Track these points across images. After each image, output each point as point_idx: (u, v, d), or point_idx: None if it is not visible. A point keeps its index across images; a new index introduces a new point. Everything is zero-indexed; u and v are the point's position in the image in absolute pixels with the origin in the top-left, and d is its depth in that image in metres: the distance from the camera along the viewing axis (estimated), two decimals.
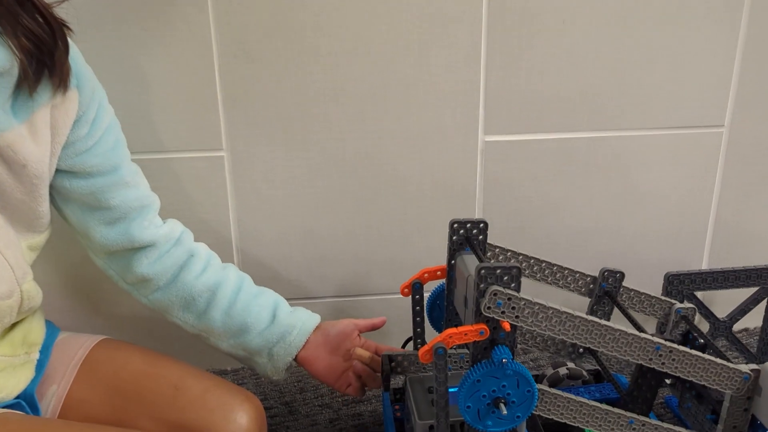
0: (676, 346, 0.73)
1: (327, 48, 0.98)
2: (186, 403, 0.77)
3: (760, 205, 1.15)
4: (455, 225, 0.82)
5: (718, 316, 1.04)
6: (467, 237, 0.82)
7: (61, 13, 0.69)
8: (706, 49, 1.04)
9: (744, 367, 0.75)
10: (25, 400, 0.74)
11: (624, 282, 0.89)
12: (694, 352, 0.74)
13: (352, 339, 0.89)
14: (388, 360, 0.89)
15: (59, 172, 0.75)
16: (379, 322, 0.91)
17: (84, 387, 0.78)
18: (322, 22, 0.96)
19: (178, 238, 0.84)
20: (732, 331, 1.05)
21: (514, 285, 0.68)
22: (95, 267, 0.85)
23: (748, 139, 1.10)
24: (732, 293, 1.05)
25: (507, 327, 0.69)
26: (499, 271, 0.67)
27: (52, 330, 0.82)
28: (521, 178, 1.08)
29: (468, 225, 0.82)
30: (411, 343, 0.94)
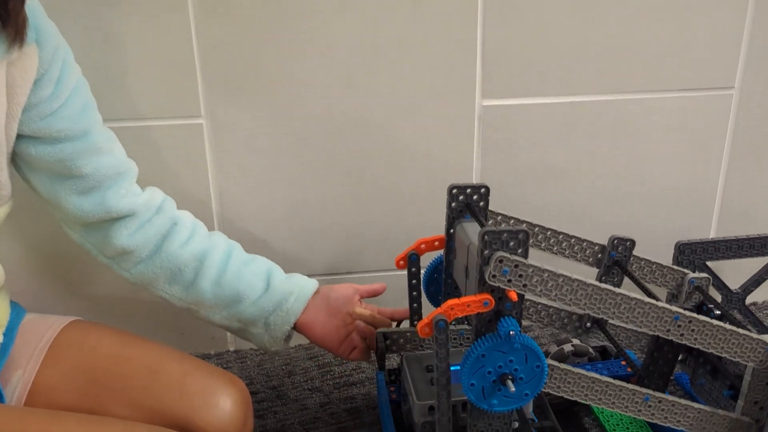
0: (696, 315, 0.69)
1: (313, 5, 0.94)
2: (164, 387, 0.74)
3: None
4: (454, 190, 0.78)
5: (730, 288, 1.00)
6: (467, 203, 0.79)
7: None
8: (715, 6, 1.01)
9: None
10: None
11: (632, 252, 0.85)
12: (716, 322, 0.70)
13: (353, 302, 0.86)
14: (382, 337, 0.86)
15: (23, 137, 0.71)
16: (379, 287, 0.89)
17: (52, 372, 0.74)
18: None
19: (159, 206, 0.80)
20: (745, 302, 1.01)
21: (521, 251, 0.64)
22: (66, 243, 0.82)
23: (760, 101, 1.08)
24: (741, 265, 1.02)
25: (514, 297, 0.65)
26: (505, 235, 0.63)
27: (17, 311, 0.78)
28: (522, 145, 1.05)
29: (468, 190, 0.78)
30: (407, 321, 0.91)
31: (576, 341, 0.97)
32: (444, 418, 0.69)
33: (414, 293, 0.87)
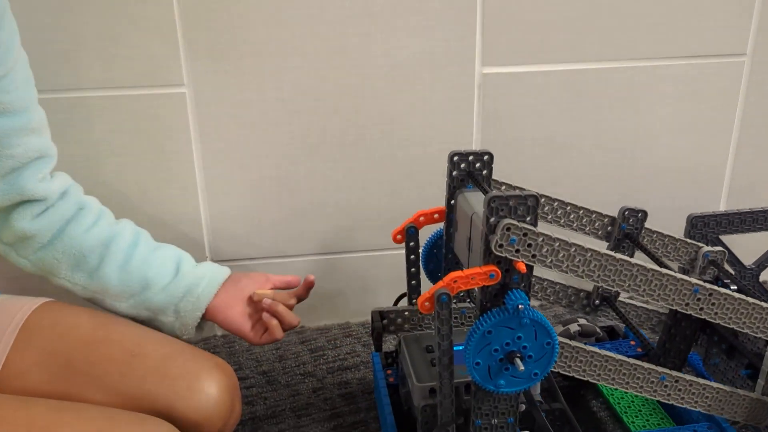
0: (717, 288, 0.66)
1: None
2: (144, 371, 0.71)
3: None
4: (455, 158, 0.74)
5: (744, 263, 0.95)
6: (469, 171, 0.75)
7: None
8: None
9: None
10: None
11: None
12: (737, 295, 0.67)
13: (266, 289, 0.83)
14: (378, 317, 0.83)
15: None
16: (293, 279, 0.85)
17: (23, 356, 0.71)
18: None
19: (64, 192, 0.77)
20: (759, 279, 0.97)
21: (530, 218, 0.60)
22: None
23: None
24: (751, 240, 0.98)
25: (522, 268, 0.60)
26: (513, 201, 0.59)
27: None
28: (524, 115, 1.03)
29: (470, 157, 0.75)
30: (405, 299, 0.88)
31: (583, 321, 0.94)
32: (446, 401, 0.65)
33: (412, 269, 0.83)
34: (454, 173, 0.74)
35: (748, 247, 1.00)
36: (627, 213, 0.81)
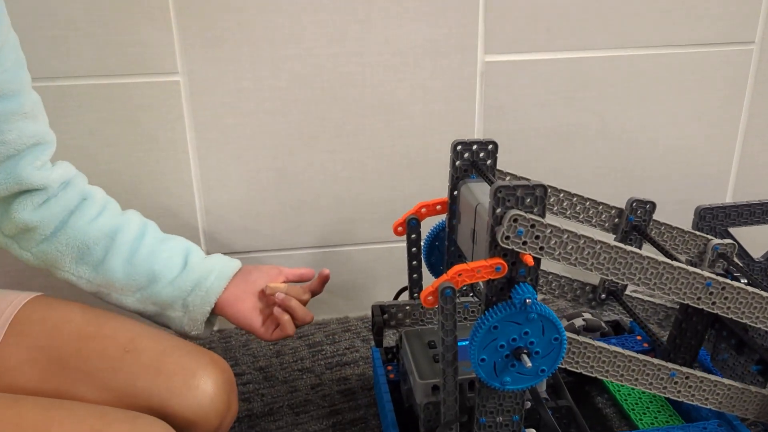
0: (730, 281, 0.64)
1: None
2: (138, 367, 0.69)
3: None
4: (459, 147, 0.72)
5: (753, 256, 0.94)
6: (473, 161, 0.73)
7: None
8: None
9: None
10: None
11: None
12: (752, 289, 0.65)
13: (278, 282, 0.81)
14: (379, 311, 0.81)
15: None
16: (306, 272, 0.83)
17: (12, 352, 0.69)
18: None
19: (68, 181, 0.75)
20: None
21: (538, 209, 0.58)
22: None
23: None
24: (759, 233, 0.97)
25: (529, 261, 0.59)
26: (520, 191, 0.57)
27: None
28: (527, 104, 1.02)
29: (474, 147, 0.73)
30: (406, 293, 0.86)
31: (587, 315, 0.92)
32: (450, 398, 0.64)
33: (414, 263, 0.81)
34: (458, 163, 0.72)
35: (756, 239, 0.99)
36: (635, 204, 0.79)
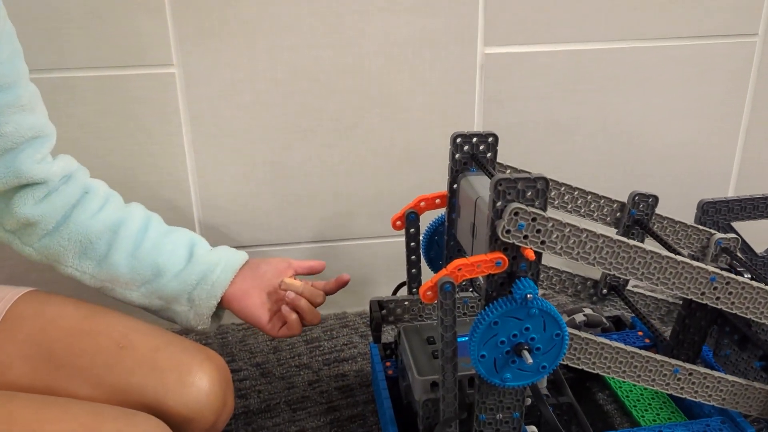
0: (735, 276, 0.63)
1: None
2: (132, 363, 0.69)
3: None
4: (458, 139, 0.71)
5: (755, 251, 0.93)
6: (473, 154, 0.72)
7: None
8: None
9: None
10: None
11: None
12: (756, 284, 0.64)
13: (285, 276, 0.79)
14: (377, 306, 0.80)
15: None
16: (317, 264, 0.82)
17: (4, 348, 0.69)
18: None
19: (69, 175, 0.74)
20: None
21: (539, 202, 0.57)
22: None
23: None
24: (761, 227, 0.96)
25: (530, 255, 0.58)
26: (521, 184, 0.56)
27: None
28: (527, 97, 1.01)
29: (474, 139, 0.72)
30: (405, 288, 0.85)
31: (588, 311, 0.91)
32: (449, 395, 0.63)
33: (412, 257, 0.80)
34: (457, 156, 0.71)
35: (759, 234, 0.98)
36: (637, 198, 0.78)
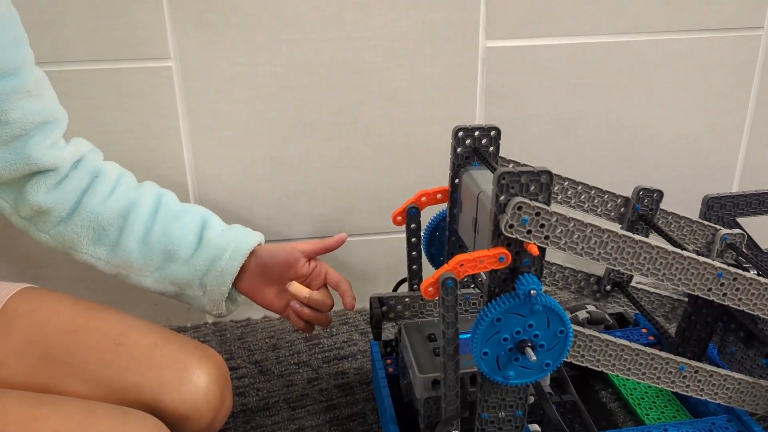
0: (742, 272, 0.61)
1: None
2: (129, 361, 0.68)
3: None
4: (460, 133, 0.70)
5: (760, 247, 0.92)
6: (475, 148, 0.71)
7: None
8: None
9: None
10: None
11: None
12: (764, 280, 0.63)
13: (297, 269, 0.77)
14: (378, 303, 0.79)
15: None
16: (332, 242, 0.79)
17: None
18: None
19: (79, 159, 0.73)
20: None
21: (543, 196, 0.56)
22: None
23: None
24: (765, 223, 0.95)
25: (534, 250, 0.56)
26: (524, 178, 0.55)
27: None
28: (529, 91, 1.01)
29: (476, 133, 0.71)
30: (405, 285, 0.84)
31: (591, 307, 0.90)
32: (451, 393, 0.62)
33: (413, 253, 0.79)
34: (459, 150, 0.70)
35: (764, 229, 0.97)
36: (642, 193, 0.77)
